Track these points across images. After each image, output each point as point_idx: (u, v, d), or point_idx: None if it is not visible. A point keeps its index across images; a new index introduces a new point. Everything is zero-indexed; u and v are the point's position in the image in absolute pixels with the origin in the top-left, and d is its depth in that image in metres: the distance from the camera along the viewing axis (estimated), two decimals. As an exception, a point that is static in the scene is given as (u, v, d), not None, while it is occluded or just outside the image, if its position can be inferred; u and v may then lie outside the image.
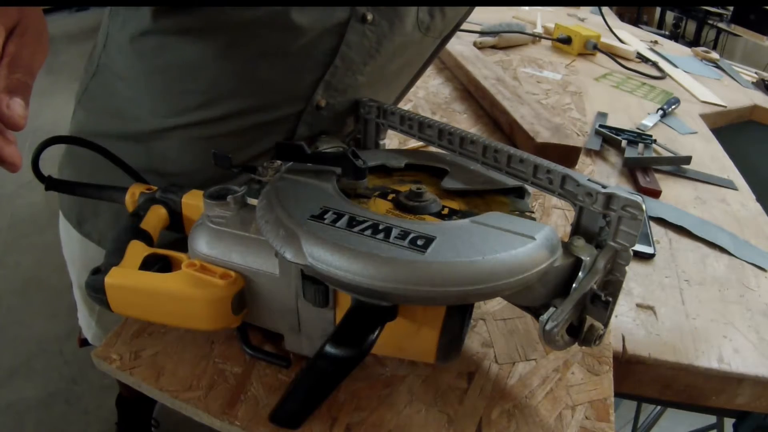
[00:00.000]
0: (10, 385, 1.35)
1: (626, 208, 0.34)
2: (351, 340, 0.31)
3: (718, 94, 1.20)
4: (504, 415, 0.38)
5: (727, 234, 0.67)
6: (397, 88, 0.63)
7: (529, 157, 0.39)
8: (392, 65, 0.54)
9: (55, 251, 0.77)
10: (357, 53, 0.49)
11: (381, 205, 0.38)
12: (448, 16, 0.53)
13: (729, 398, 0.49)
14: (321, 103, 0.51)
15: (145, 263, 0.38)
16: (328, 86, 0.50)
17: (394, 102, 0.64)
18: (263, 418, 0.36)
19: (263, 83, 0.48)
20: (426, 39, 0.54)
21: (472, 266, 0.30)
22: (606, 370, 0.43)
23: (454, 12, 0.54)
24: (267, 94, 0.49)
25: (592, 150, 0.82)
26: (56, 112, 0.57)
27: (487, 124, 0.87)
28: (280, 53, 0.46)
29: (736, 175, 0.85)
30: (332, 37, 0.47)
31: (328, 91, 0.51)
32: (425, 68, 0.63)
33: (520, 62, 1.18)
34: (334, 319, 0.37)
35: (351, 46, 0.48)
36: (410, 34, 0.50)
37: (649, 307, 0.54)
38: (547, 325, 0.33)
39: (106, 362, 0.40)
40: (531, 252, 0.32)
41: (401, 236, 0.31)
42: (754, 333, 0.52)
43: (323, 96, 0.51)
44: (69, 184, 0.49)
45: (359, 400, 0.38)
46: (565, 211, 0.65)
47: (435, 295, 0.30)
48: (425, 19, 0.50)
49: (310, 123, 0.53)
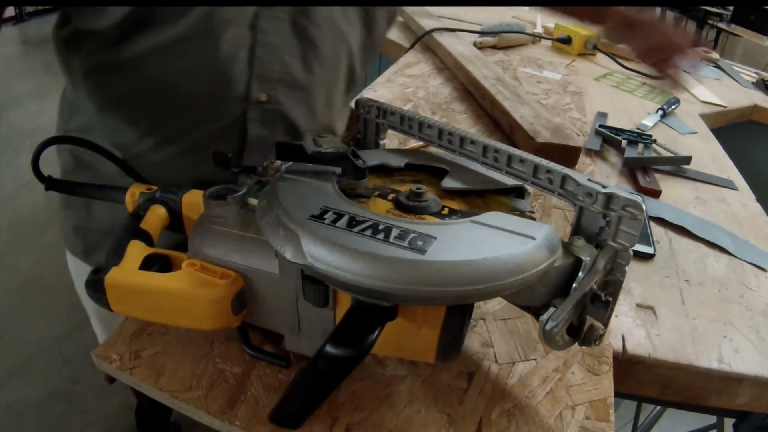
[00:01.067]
0: (10, 385, 1.35)
1: (626, 208, 0.34)
2: (351, 340, 0.31)
3: (718, 94, 1.20)
4: (504, 415, 0.38)
5: (727, 234, 0.67)
6: (344, 68, 0.59)
7: (528, 157, 0.39)
8: (323, 43, 0.52)
9: (55, 251, 0.77)
10: (275, 37, 0.49)
11: (381, 205, 0.38)
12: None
13: (729, 398, 0.49)
14: (262, 98, 0.51)
15: (145, 263, 0.38)
16: (261, 80, 0.50)
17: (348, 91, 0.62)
18: (263, 418, 0.36)
19: (198, 97, 0.49)
20: (349, 10, 0.53)
21: (472, 266, 0.30)
22: (606, 370, 0.43)
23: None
24: (205, 106, 0.50)
25: (592, 150, 0.82)
26: (56, 112, 0.57)
27: (487, 124, 0.87)
28: (204, 64, 0.47)
29: (736, 175, 0.85)
30: (248, 31, 0.47)
31: (264, 84, 0.51)
32: (374, 48, 0.61)
33: (520, 62, 1.18)
34: (334, 319, 0.37)
35: (267, 32, 0.48)
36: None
37: (649, 307, 0.54)
38: (547, 325, 0.33)
39: (106, 362, 0.40)
40: (531, 252, 0.32)
41: (401, 236, 0.31)
42: (754, 333, 0.52)
43: (261, 90, 0.51)
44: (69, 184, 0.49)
45: (359, 400, 0.38)
46: (565, 211, 0.65)
47: (435, 295, 0.30)
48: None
49: (260, 120, 0.52)
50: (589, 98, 1.04)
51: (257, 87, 0.50)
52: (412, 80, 1.02)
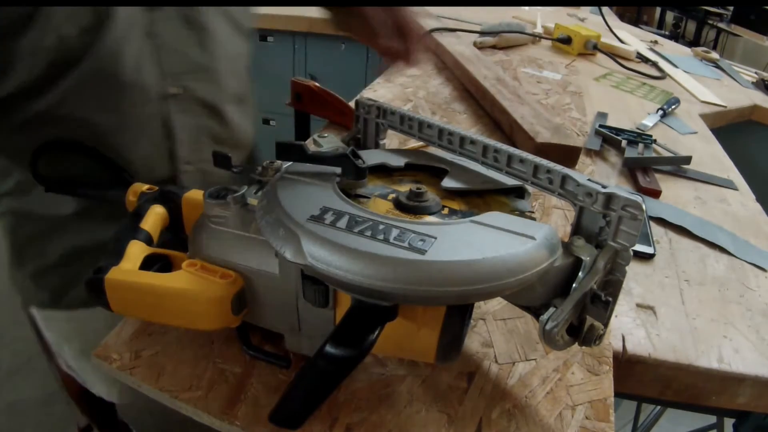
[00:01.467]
0: (10, 385, 1.35)
1: (626, 208, 0.34)
2: (351, 340, 0.31)
3: (718, 94, 1.20)
4: (504, 415, 0.38)
5: (727, 234, 0.67)
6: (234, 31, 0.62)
7: (528, 157, 0.39)
8: (212, 23, 0.56)
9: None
10: (172, 36, 0.52)
11: (381, 205, 0.38)
12: None
13: (729, 398, 0.49)
14: (172, 91, 0.54)
15: (145, 263, 0.38)
16: (171, 76, 0.53)
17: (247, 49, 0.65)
18: (263, 418, 0.36)
19: (115, 109, 0.51)
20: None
21: (473, 266, 0.30)
22: (606, 370, 0.43)
23: None
24: (126, 116, 0.52)
25: (592, 150, 0.82)
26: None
27: (487, 124, 0.87)
28: (115, 83, 0.49)
29: (736, 175, 0.85)
30: (147, 40, 0.50)
31: (172, 77, 0.54)
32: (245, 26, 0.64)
33: (520, 62, 1.18)
34: (334, 319, 0.37)
35: (164, 34, 0.51)
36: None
37: (649, 307, 0.54)
38: (548, 325, 0.33)
39: (106, 362, 0.40)
40: (531, 252, 0.32)
41: (401, 236, 0.31)
42: (754, 333, 0.52)
43: (171, 84, 0.54)
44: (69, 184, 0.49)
45: (359, 400, 0.38)
46: (565, 211, 0.65)
47: (436, 294, 0.30)
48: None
49: (181, 110, 0.55)
50: (589, 98, 1.04)
51: (168, 81, 0.53)
52: (412, 80, 1.02)
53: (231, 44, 0.60)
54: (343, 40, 1.58)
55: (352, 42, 1.53)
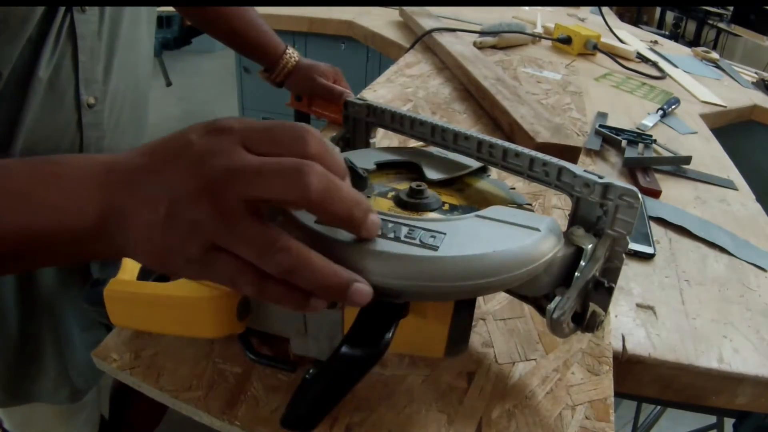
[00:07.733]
0: None
1: (623, 197, 0.34)
2: (367, 340, 0.31)
3: (718, 94, 1.20)
4: (504, 415, 0.38)
5: (727, 234, 0.67)
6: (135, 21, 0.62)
7: (524, 150, 0.40)
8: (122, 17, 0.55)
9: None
10: (91, 37, 0.51)
11: (382, 204, 0.38)
12: None
13: (729, 398, 0.49)
14: (90, 101, 0.53)
15: (142, 273, 0.37)
16: (88, 83, 0.52)
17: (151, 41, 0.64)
18: (263, 418, 0.36)
19: (34, 123, 0.50)
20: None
21: (485, 260, 0.30)
22: (606, 370, 0.43)
23: None
24: (44, 124, 0.51)
25: (592, 150, 0.82)
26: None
27: (487, 124, 0.87)
28: (36, 86, 0.48)
29: (736, 175, 0.85)
30: (67, 37, 0.49)
31: (92, 87, 0.53)
32: None
33: (520, 62, 1.18)
34: (341, 320, 0.36)
35: (85, 37, 0.50)
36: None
37: (649, 307, 0.54)
38: (555, 313, 0.33)
39: (106, 362, 0.40)
40: (538, 243, 0.32)
41: (411, 233, 0.31)
42: (754, 333, 0.52)
43: (89, 94, 0.53)
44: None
45: (359, 400, 0.38)
46: (565, 211, 0.65)
47: (449, 290, 0.30)
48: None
49: (95, 123, 0.54)
50: (589, 98, 1.04)
51: (85, 91, 0.52)
52: (412, 80, 1.02)
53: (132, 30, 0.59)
54: (343, 40, 1.58)
55: (352, 42, 1.53)
